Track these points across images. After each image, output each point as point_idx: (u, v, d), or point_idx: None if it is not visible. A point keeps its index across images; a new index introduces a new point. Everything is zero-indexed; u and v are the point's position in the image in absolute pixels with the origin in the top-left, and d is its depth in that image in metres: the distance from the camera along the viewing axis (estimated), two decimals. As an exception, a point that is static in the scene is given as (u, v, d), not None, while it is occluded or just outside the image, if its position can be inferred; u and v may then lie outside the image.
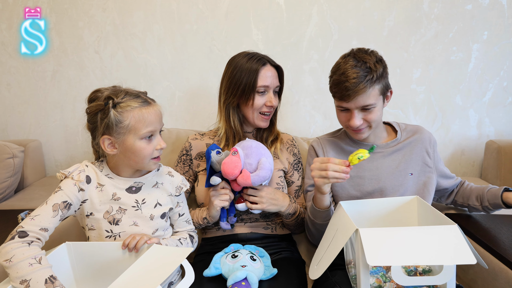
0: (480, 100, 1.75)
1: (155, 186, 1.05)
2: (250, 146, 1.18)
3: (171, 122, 1.81)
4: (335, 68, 1.10)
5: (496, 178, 1.64)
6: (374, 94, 1.06)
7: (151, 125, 0.96)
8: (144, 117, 0.95)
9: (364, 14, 1.69)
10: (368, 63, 1.04)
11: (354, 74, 1.02)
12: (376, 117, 1.09)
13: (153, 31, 1.74)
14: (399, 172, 1.17)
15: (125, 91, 0.97)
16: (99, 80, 1.80)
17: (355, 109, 1.07)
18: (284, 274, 1.10)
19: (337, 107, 1.13)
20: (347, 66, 1.04)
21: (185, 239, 1.10)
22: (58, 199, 0.93)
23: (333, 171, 0.97)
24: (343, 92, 1.04)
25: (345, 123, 1.13)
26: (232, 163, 1.12)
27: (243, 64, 1.23)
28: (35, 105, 1.84)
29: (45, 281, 0.80)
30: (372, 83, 1.04)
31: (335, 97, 1.10)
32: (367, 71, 1.03)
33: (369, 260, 0.74)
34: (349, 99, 1.04)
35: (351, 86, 1.02)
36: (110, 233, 0.99)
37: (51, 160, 1.90)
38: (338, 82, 1.05)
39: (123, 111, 0.93)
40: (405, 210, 1.06)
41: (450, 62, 1.71)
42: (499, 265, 1.03)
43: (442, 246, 0.77)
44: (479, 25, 1.67)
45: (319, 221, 1.11)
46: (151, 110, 0.97)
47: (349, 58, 1.07)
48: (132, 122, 0.94)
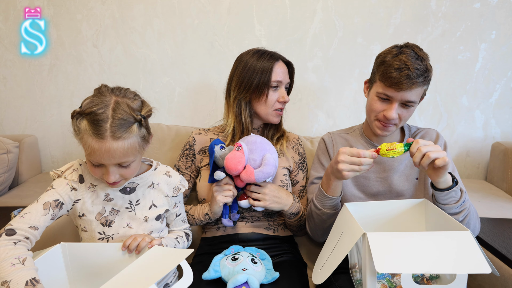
0: (486, 101, 1.71)
1: (151, 186, 1.01)
2: (255, 141, 1.14)
3: (170, 119, 1.77)
4: (388, 52, 1.04)
5: (502, 181, 1.61)
6: (420, 93, 1.04)
7: (98, 159, 0.85)
8: (93, 148, 0.83)
9: (370, 11, 1.65)
10: (426, 62, 1.02)
11: (417, 65, 0.99)
12: (409, 116, 1.07)
13: (153, 25, 1.70)
14: (405, 176, 1.14)
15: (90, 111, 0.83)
16: (98, 75, 1.75)
17: (397, 101, 1.03)
18: (286, 278, 1.07)
19: (378, 94, 1.05)
20: (407, 56, 1.00)
21: (181, 237, 1.07)
22: (50, 197, 0.89)
23: (366, 165, 0.94)
24: (400, 79, 0.98)
25: (378, 113, 1.07)
26: (235, 158, 1.08)
27: (256, 60, 1.21)
28: (32, 99, 1.80)
29: (26, 283, 0.75)
30: (426, 81, 1.02)
31: (385, 82, 1.02)
32: (425, 68, 1.00)
33: (378, 267, 0.70)
34: (403, 88, 0.99)
35: (412, 76, 0.98)
36: (103, 235, 0.95)
37: (47, 156, 1.86)
38: (395, 67, 0.99)
39: (79, 129, 0.84)
40: (412, 213, 1.02)
41: (456, 62, 1.68)
42: (508, 271, 1.00)
43: (454, 253, 0.73)
44: (487, 24, 1.64)
45: (326, 209, 1.06)
46: (102, 145, 0.82)
47: (408, 49, 1.02)
48: (82, 142, 0.86)
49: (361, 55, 1.68)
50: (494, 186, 1.65)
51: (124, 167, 0.88)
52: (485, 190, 1.58)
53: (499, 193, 1.56)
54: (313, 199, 1.11)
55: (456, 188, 0.97)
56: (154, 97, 1.75)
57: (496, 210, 1.39)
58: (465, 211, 0.99)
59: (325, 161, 1.22)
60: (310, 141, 1.52)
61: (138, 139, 0.87)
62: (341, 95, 1.73)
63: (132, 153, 0.86)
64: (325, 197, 1.05)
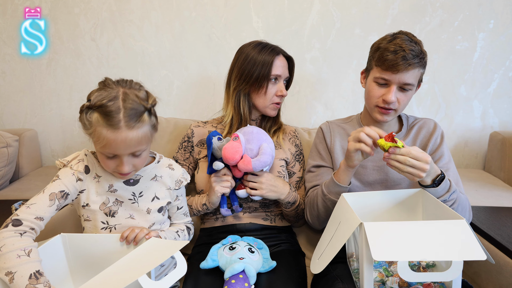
0: (485, 90, 1.71)
1: (154, 179, 1.02)
2: (251, 131, 1.16)
3: (169, 112, 1.78)
4: (383, 39, 1.08)
5: (500, 170, 1.61)
6: (417, 76, 1.06)
7: (114, 150, 0.86)
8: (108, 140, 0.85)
9: (367, 1, 1.64)
10: (420, 46, 1.05)
11: (411, 47, 1.01)
12: (407, 101, 1.09)
13: (150, 18, 1.70)
14: None
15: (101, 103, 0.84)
16: (96, 68, 1.76)
17: (395, 85, 1.05)
18: (283, 267, 1.08)
19: (376, 79, 1.08)
20: (401, 40, 1.03)
21: (182, 231, 1.08)
22: (56, 188, 0.90)
23: (367, 134, 0.96)
24: (396, 61, 1.01)
25: (377, 98, 1.08)
26: (233, 148, 1.10)
27: (257, 53, 1.22)
28: (31, 93, 1.80)
29: (30, 276, 0.76)
30: (422, 64, 1.04)
31: (381, 65, 1.04)
32: (420, 50, 1.03)
33: (375, 255, 0.71)
34: (399, 70, 1.01)
35: (408, 57, 1.00)
36: (106, 224, 0.96)
37: (47, 149, 1.87)
38: (390, 50, 1.02)
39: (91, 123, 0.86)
40: (410, 203, 1.03)
41: (455, 52, 1.67)
42: (504, 258, 1.01)
43: (450, 241, 0.74)
44: (485, 14, 1.63)
45: (332, 196, 1.07)
46: (118, 135, 0.84)
47: (401, 35, 1.06)
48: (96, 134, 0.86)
49: (359, 46, 1.68)
50: (492, 175, 1.66)
51: (136, 157, 0.90)
52: (483, 179, 1.59)
53: (496, 182, 1.57)
54: (322, 185, 1.12)
55: (443, 182, 0.98)
56: (152, 90, 1.70)
57: (493, 198, 1.40)
58: (452, 202, 1.00)
59: (322, 149, 1.23)
60: (308, 133, 1.53)
61: (149, 127, 0.89)
62: (339, 87, 1.73)
63: (145, 141, 0.88)
64: (334, 184, 1.07)
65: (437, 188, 0.97)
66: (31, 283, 0.76)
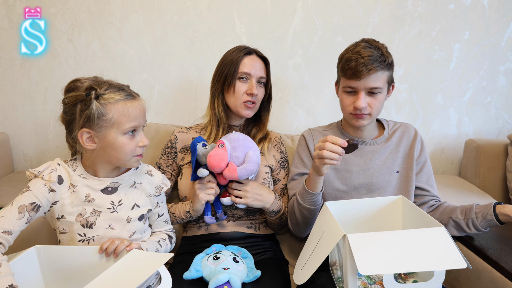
0: (460, 99, 1.77)
1: (133, 186, 0.99)
2: (237, 139, 1.14)
3: (150, 117, 1.70)
4: (346, 50, 1.12)
5: (475, 177, 1.67)
6: (383, 79, 1.08)
7: (135, 120, 0.91)
8: (129, 111, 0.89)
9: (349, 10, 1.67)
10: (381, 50, 1.08)
11: (369, 52, 1.05)
12: (379, 104, 1.11)
13: (131, 20, 1.66)
14: (386, 169, 1.17)
15: (108, 83, 0.91)
16: (73, 70, 1.70)
17: (362, 91, 1.08)
18: (268, 275, 1.07)
19: (344, 88, 1.12)
20: (361, 47, 1.07)
21: (164, 240, 1.06)
22: (26, 200, 0.86)
23: (329, 151, 0.97)
24: (356, 68, 1.04)
25: (349, 106, 1.11)
26: (218, 156, 1.08)
27: (231, 53, 1.25)
28: (3, 95, 1.72)
29: None
30: (384, 66, 1.07)
31: (345, 75, 1.09)
32: (380, 54, 1.06)
33: (361, 269, 0.72)
34: (361, 77, 1.05)
35: (366, 63, 1.04)
36: (83, 237, 0.92)
37: (19, 154, 1.79)
38: (351, 59, 1.06)
39: (106, 103, 0.87)
40: (390, 209, 1.05)
41: (432, 61, 1.72)
42: (482, 264, 1.04)
43: (432, 250, 0.76)
44: (461, 25, 1.69)
45: (306, 204, 1.09)
46: (136, 104, 0.91)
47: (362, 42, 1.10)
48: (116, 115, 0.87)
49: (341, 54, 1.70)
50: (467, 181, 1.71)
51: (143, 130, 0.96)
52: (458, 186, 1.64)
53: (472, 188, 1.62)
54: (296, 194, 1.13)
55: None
56: None
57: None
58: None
59: (305, 157, 1.24)
60: (291, 139, 1.53)
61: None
62: (321, 93, 1.75)
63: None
64: (306, 191, 1.08)
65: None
66: None
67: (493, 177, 1.64)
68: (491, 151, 1.64)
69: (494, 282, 1.00)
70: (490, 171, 1.64)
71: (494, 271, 1.00)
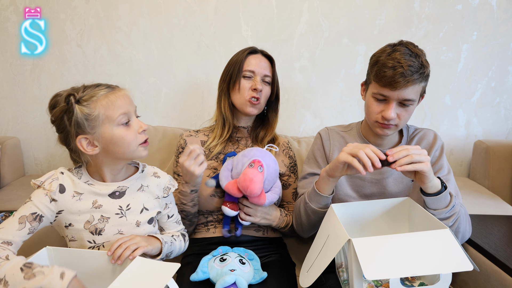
0: (468, 100, 1.75)
1: (140, 189, 0.99)
2: (271, 166, 1.14)
3: (157, 120, 1.76)
4: (382, 52, 1.02)
5: (484, 178, 1.65)
6: (418, 91, 1.01)
7: (122, 108, 0.90)
8: (112, 102, 0.89)
9: (355, 12, 1.67)
10: (421, 58, 0.99)
11: (410, 62, 0.96)
12: (408, 116, 1.04)
13: (139, 25, 1.68)
14: (401, 178, 1.12)
15: (84, 86, 0.91)
16: (82, 75, 1.73)
17: (395, 101, 1.01)
18: (274, 278, 1.07)
19: (374, 95, 1.03)
20: (401, 54, 0.98)
21: (177, 236, 1.06)
22: (26, 210, 0.86)
23: (366, 154, 0.89)
24: (393, 78, 0.96)
25: (377, 114, 1.04)
26: (258, 183, 1.06)
27: (237, 54, 1.29)
28: (14, 100, 1.76)
29: (21, 270, 0.75)
30: (423, 78, 0.99)
31: (378, 82, 1.00)
32: (420, 65, 0.98)
33: (367, 275, 0.71)
34: (398, 87, 0.97)
35: (406, 74, 0.95)
36: (93, 243, 0.92)
37: (30, 158, 1.82)
38: (388, 66, 0.97)
39: (88, 103, 0.87)
40: (396, 211, 1.04)
41: (440, 62, 1.71)
42: (491, 266, 1.03)
43: (438, 253, 0.75)
44: (468, 25, 1.67)
45: (313, 205, 1.05)
46: (118, 93, 0.91)
47: (401, 47, 1.00)
48: (102, 110, 0.87)
49: (347, 56, 1.70)
50: (477, 183, 1.69)
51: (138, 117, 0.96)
52: (468, 187, 1.62)
53: (481, 190, 1.60)
54: (305, 194, 1.10)
55: (445, 193, 0.94)
56: (140, 97, 1.73)
57: (478, 206, 1.43)
58: (454, 216, 0.97)
59: (320, 157, 1.20)
60: (298, 141, 1.53)
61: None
62: (328, 95, 1.75)
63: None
64: (315, 192, 1.05)
65: (440, 196, 0.94)
66: (26, 273, 0.75)
67: (503, 178, 1.61)
68: (500, 152, 1.62)
69: (503, 285, 0.98)
70: (500, 172, 1.62)
71: (504, 273, 0.99)
